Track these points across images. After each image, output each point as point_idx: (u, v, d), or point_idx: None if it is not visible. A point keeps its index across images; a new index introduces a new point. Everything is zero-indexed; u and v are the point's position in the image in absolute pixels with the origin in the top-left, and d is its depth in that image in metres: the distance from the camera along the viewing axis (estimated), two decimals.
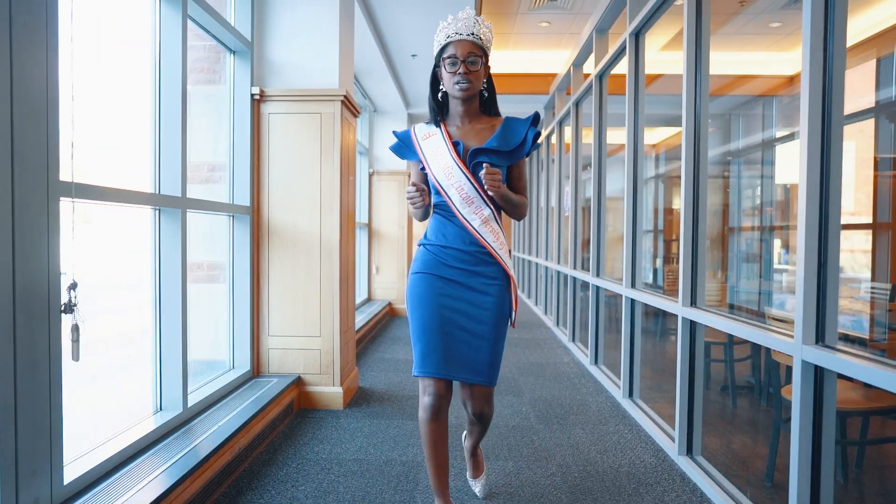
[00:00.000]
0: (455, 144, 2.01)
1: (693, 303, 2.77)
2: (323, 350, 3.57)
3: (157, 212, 2.61)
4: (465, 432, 2.42)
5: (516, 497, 2.41)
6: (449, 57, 1.98)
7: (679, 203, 2.98)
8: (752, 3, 5.33)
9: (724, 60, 6.12)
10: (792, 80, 6.27)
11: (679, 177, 2.92)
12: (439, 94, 2.07)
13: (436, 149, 2.03)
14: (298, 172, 3.53)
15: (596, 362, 4.70)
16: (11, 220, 1.63)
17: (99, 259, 2.59)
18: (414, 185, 1.94)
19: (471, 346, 1.99)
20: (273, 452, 2.86)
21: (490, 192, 1.91)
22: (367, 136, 7.60)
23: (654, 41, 4.04)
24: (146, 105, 2.63)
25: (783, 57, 6.30)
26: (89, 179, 1.96)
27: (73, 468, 1.97)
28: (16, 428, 1.65)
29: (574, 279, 5.58)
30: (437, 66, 2.05)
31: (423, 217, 2.11)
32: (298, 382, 3.55)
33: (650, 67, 3.98)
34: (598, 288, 4.66)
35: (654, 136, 7.23)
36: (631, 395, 3.74)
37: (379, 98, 7.23)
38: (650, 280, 6.44)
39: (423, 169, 2.08)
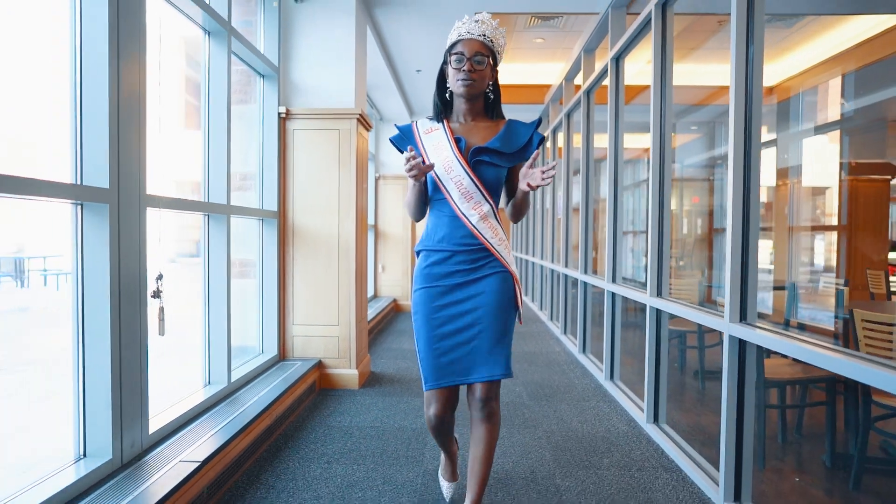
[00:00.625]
0: (457, 140, 2.03)
1: (659, 293, 3.27)
2: (340, 337, 4.07)
3: (207, 217, 3.10)
4: (468, 465, 2.08)
5: (508, 454, 2.91)
6: (456, 54, 2.00)
7: (673, 205, 3.46)
8: (729, 23, 5.77)
9: (708, 72, 6.62)
10: (771, 90, 6.75)
11: (673, 179, 3.42)
12: (447, 93, 2.09)
13: (437, 143, 2.04)
14: (319, 181, 4.02)
15: (584, 351, 5.19)
16: (118, 226, 2.13)
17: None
18: (411, 153, 1.89)
19: (471, 342, 1.99)
20: (302, 421, 3.36)
21: (478, 187, 1.97)
22: (374, 142, 8.10)
23: (643, 55, 4.52)
24: (195, 126, 3.12)
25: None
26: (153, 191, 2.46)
27: (153, 422, 2.46)
28: (120, 386, 2.15)
29: (566, 276, 6.08)
30: (445, 62, 2.06)
31: (420, 215, 2.12)
32: (319, 365, 4.05)
33: (640, 79, 4.46)
34: (585, 283, 5.15)
35: (646, 140, 7.70)
36: (612, 377, 4.23)
37: (385, 108, 7.72)
38: (643, 278, 6.92)
39: (422, 163, 2.04)
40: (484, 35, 2.00)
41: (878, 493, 2.49)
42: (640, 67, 4.65)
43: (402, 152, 2.08)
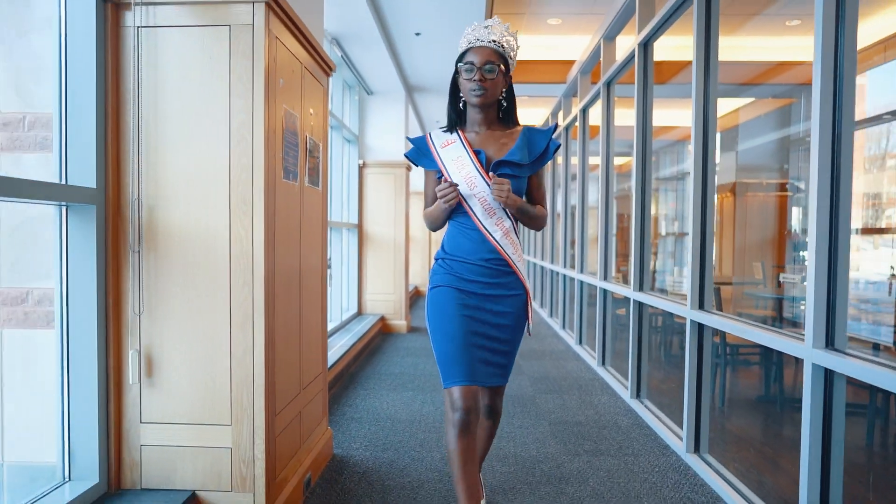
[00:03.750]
0: (476, 153, 1.98)
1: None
2: (395, 301, 6.61)
3: (337, 230, 5.64)
4: None
5: None
6: (466, 63, 1.95)
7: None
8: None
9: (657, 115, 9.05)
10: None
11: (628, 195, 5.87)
12: (460, 103, 2.05)
13: (457, 158, 1.98)
14: (382, 205, 6.56)
15: (559, 322, 7.71)
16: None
17: None
18: (448, 183, 1.92)
19: (494, 354, 2.03)
20: (379, 345, 5.90)
21: (500, 204, 1.92)
22: None
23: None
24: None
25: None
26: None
27: None
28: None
29: (554, 272, 8.59)
30: (456, 72, 2.02)
31: (440, 226, 2.12)
32: (382, 318, 6.60)
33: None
34: (558, 274, 7.67)
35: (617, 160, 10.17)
36: (581, 342, 6.74)
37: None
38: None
39: (440, 177, 2.04)
40: (494, 41, 1.95)
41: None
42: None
43: (416, 165, 2.12)
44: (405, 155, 2.15)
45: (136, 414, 2.05)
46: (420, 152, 2.09)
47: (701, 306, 2.93)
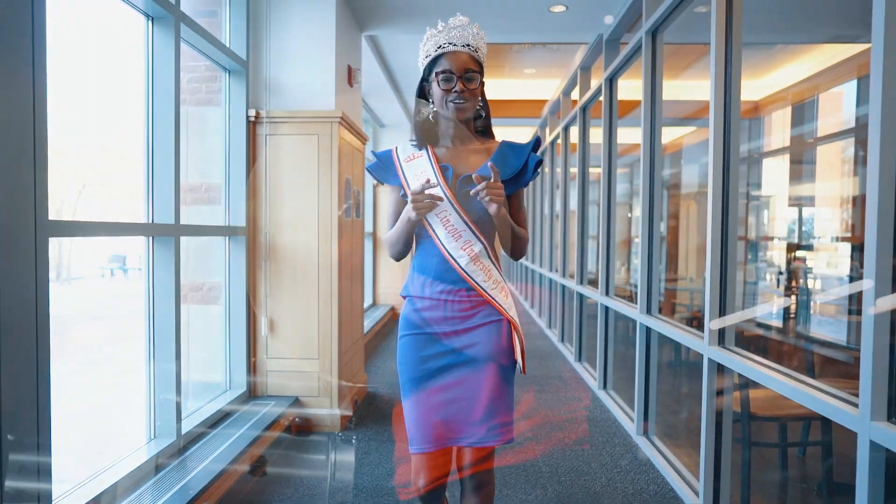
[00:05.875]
0: (443, 169, 1.73)
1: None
2: None
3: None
4: None
5: None
6: (443, 72, 1.70)
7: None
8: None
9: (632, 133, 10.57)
10: (665, 148, 10.72)
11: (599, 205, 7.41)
12: (429, 114, 1.78)
13: (420, 172, 1.74)
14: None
15: (536, 311, 9.26)
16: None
17: None
18: (421, 191, 1.63)
19: (464, 400, 1.71)
20: (391, 329, 7.42)
21: (490, 209, 1.63)
22: None
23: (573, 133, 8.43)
24: None
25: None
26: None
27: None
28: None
29: (532, 271, 10.14)
30: (424, 79, 1.76)
31: (404, 253, 1.81)
32: (392, 308, 8.15)
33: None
34: (535, 273, 9.21)
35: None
36: (550, 325, 8.28)
37: None
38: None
39: (403, 195, 1.78)
40: (468, 45, 1.72)
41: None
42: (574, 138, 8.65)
43: (380, 182, 1.87)
44: (367, 169, 1.89)
45: (264, 352, 3.62)
46: (382, 166, 1.83)
47: (606, 293, 4.52)
